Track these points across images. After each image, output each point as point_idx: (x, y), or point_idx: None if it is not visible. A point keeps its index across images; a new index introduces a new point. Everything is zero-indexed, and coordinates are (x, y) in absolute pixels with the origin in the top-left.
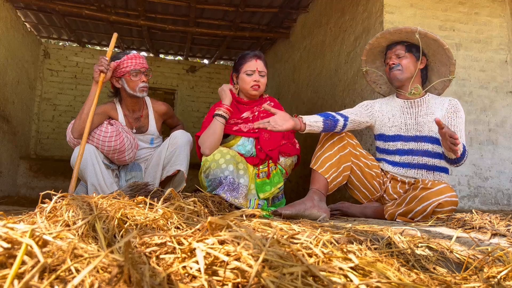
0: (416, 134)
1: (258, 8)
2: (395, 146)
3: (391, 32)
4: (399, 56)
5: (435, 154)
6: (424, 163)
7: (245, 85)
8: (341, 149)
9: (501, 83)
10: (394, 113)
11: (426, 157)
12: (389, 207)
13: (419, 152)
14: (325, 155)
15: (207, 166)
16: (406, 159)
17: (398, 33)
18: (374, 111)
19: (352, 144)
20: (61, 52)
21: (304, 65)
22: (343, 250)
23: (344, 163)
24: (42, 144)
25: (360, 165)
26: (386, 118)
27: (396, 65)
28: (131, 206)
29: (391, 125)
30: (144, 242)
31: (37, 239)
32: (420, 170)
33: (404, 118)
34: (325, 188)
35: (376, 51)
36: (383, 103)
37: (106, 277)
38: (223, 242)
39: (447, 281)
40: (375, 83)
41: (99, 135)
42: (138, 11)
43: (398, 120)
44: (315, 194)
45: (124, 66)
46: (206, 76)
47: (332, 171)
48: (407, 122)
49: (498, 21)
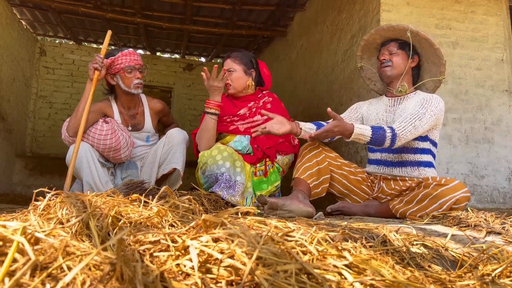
0: None
1: (255, 6)
2: None
3: (384, 29)
4: (391, 52)
5: (414, 149)
6: (405, 160)
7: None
8: (319, 162)
9: (497, 82)
10: (379, 111)
11: (405, 153)
12: (397, 204)
13: (397, 149)
14: (305, 165)
15: (203, 162)
16: (387, 156)
17: (391, 30)
18: (363, 111)
19: (331, 157)
20: (57, 50)
21: (301, 63)
22: (337, 247)
23: (324, 175)
24: (38, 142)
25: (344, 174)
26: (372, 117)
27: (386, 61)
28: (125, 204)
29: (375, 123)
30: (138, 240)
31: (29, 236)
32: (404, 168)
33: (386, 116)
34: (308, 191)
35: (372, 47)
36: (372, 102)
37: (98, 275)
38: (217, 240)
39: (442, 278)
40: (370, 80)
41: (94, 133)
42: (135, 9)
43: (380, 118)
44: (299, 193)
45: (119, 63)
46: None
47: (313, 178)
48: (388, 120)
49: (494, 20)
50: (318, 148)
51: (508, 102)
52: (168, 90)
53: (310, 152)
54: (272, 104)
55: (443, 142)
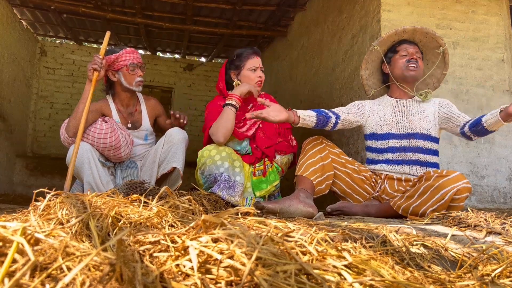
0: (408, 132)
1: (255, 6)
2: (386, 144)
3: (421, 32)
4: (417, 55)
5: (427, 150)
6: (417, 159)
7: (250, 81)
8: (323, 158)
9: (498, 82)
10: (385, 112)
11: (418, 153)
12: (398, 201)
13: (411, 148)
14: (308, 162)
15: (202, 162)
16: (399, 156)
17: (425, 35)
18: (365, 110)
19: (335, 153)
20: (58, 50)
21: (301, 63)
22: (337, 248)
23: (328, 172)
24: (39, 142)
25: (348, 172)
26: (377, 117)
27: (416, 60)
28: (125, 204)
29: (383, 123)
30: (137, 240)
31: (29, 237)
32: (414, 166)
33: (395, 117)
34: (311, 189)
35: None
36: (374, 103)
37: (97, 275)
38: (216, 240)
39: (442, 279)
40: (367, 81)
41: (94, 132)
42: (135, 9)
43: (389, 119)
44: (301, 192)
45: (123, 60)
46: (204, 74)
47: (316, 175)
48: (398, 120)
49: (495, 20)
50: (321, 144)
51: (508, 102)
52: (168, 90)
53: (313, 148)
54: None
55: (443, 142)
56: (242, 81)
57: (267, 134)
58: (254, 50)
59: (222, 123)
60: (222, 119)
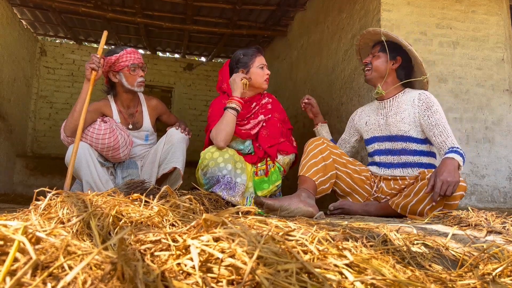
0: (388, 134)
1: (255, 5)
2: (372, 148)
3: (365, 34)
4: (374, 55)
5: (412, 151)
6: (405, 162)
7: (259, 79)
8: (325, 158)
9: (498, 81)
10: (370, 115)
11: (404, 155)
12: (396, 199)
13: (395, 151)
14: (310, 162)
15: (205, 164)
16: (386, 159)
17: (372, 34)
18: (354, 123)
19: (336, 154)
20: (58, 50)
21: (301, 63)
22: (338, 247)
23: (330, 171)
24: (39, 142)
25: (348, 172)
26: (364, 123)
27: (367, 64)
28: (126, 203)
29: (368, 128)
30: (138, 239)
31: (30, 236)
32: (404, 169)
33: (377, 120)
34: (313, 189)
35: (369, 49)
36: (364, 109)
37: (99, 274)
38: (217, 239)
39: (443, 278)
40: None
41: (92, 132)
42: (135, 9)
43: (372, 122)
44: (302, 192)
45: (123, 60)
46: (204, 74)
47: (319, 175)
48: (380, 122)
49: (495, 19)
50: (323, 144)
51: (508, 102)
52: (168, 90)
53: (315, 149)
54: (272, 105)
55: None
56: (251, 78)
57: (271, 133)
58: (259, 49)
59: (223, 127)
60: (222, 124)
